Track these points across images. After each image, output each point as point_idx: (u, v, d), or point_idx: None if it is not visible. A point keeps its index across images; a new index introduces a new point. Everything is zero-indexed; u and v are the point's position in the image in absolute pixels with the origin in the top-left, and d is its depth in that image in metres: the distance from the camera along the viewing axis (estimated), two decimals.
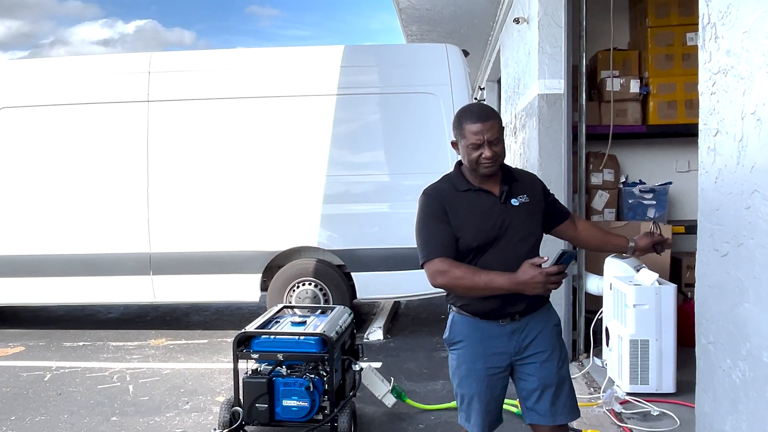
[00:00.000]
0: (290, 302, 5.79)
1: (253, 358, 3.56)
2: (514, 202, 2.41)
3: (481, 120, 2.31)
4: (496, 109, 12.05)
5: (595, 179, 5.78)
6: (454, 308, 2.50)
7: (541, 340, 2.44)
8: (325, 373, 3.49)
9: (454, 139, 2.43)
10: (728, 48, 2.29)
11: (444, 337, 2.56)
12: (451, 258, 2.33)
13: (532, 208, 2.45)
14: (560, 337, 2.53)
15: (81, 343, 5.97)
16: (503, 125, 2.43)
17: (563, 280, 2.28)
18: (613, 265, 4.52)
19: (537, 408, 2.44)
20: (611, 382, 4.24)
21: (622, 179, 5.98)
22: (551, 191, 2.65)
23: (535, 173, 3.74)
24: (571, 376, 2.55)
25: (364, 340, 5.80)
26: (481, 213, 2.38)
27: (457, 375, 2.49)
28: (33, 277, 6.02)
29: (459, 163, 2.48)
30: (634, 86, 5.67)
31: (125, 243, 5.90)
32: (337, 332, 3.62)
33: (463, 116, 2.37)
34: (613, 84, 5.63)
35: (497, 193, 2.41)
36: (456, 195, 2.40)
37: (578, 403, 2.54)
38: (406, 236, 5.63)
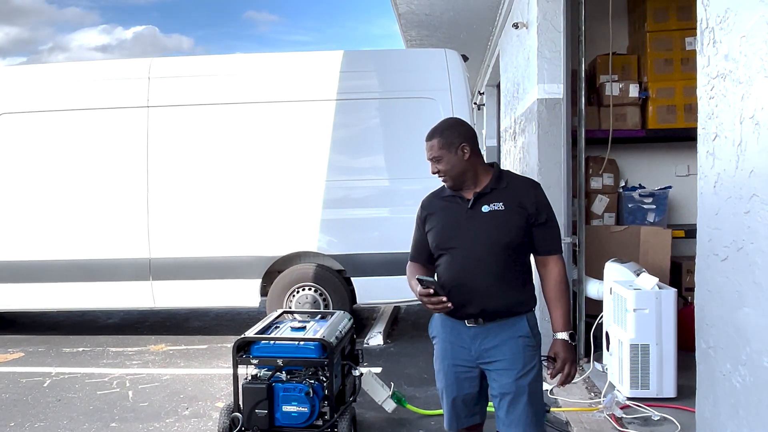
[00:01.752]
0: (290, 307, 5.79)
1: (252, 364, 3.55)
2: (485, 209, 2.46)
3: (426, 139, 2.53)
4: (494, 113, 12.05)
5: (595, 183, 5.79)
6: None
7: (501, 348, 2.44)
8: (324, 379, 3.48)
9: None
10: (726, 52, 2.30)
11: None
12: (417, 260, 2.65)
13: (505, 217, 2.43)
14: (527, 349, 2.46)
15: (80, 349, 5.96)
16: (456, 140, 2.48)
17: (443, 302, 2.34)
18: (613, 269, 4.52)
19: (498, 414, 2.50)
20: (612, 386, 4.23)
21: (622, 183, 5.99)
22: (551, 201, 2.56)
23: (535, 178, 3.74)
24: (533, 390, 2.45)
25: (364, 345, 5.79)
26: (448, 218, 2.53)
27: (435, 368, 2.62)
28: (33, 283, 6.01)
29: None
30: (634, 91, 5.68)
31: (125, 248, 5.90)
32: (336, 337, 3.61)
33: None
34: (612, 88, 5.64)
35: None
36: (438, 201, 2.62)
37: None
38: (405, 241, 5.64)
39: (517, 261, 2.47)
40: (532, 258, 2.57)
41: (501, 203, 2.45)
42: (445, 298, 2.34)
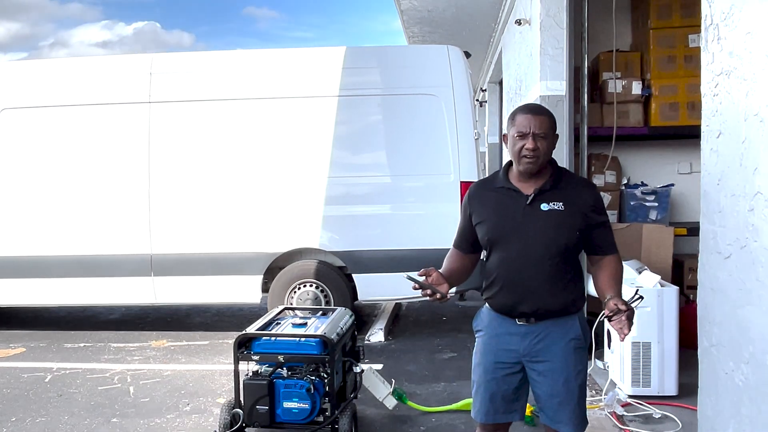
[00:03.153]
0: (291, 304, 5.78)
1: (253, 360, 3.54)
2: (544, 206, 2.40)
3: (533, 113, 2.41)
4: (497, 110, 12.06)
5: (597, 181, 5.78)
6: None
7: (551, 349, 2.43)
8: (325, 375, 3.48)
9: (506, 132, 2.50)
10: (731, 49, 2.28)
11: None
12: (458, 248, 2.62)
13: (564, 218, 2.39)
14: (577, 351, 2.45)
15: (82, 345, 5.97)
16: (555, 127, 2.45)
17: (433, 297, 2.33)
18: None
19: (545, 410, 2.49)
20: (613, 384, 4.23)
21: (624, 181, 5.98)
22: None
23: None
24: (582, 391, 2.48)
25: (365, 342, 5.79)
26: (501, 211, 2.46)
27: (473, 362, 2.59)
28: (34, 279, 6.01)
29: (510, 162, 2.52)
30: (636, 88, 5.67)
31: (126, 244, 5.89)
32: (338, 334, 3.60)
33: (519, 108, 2.48)
34: (615, 86, 5.62)
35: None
36: (489, 191, 2.54)
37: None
38: (407, 238, 5.72)
39: (569, 261, 2.44)
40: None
41: (561, 203, 2.39)
42: (438, 295, 2.32)
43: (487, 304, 2.56)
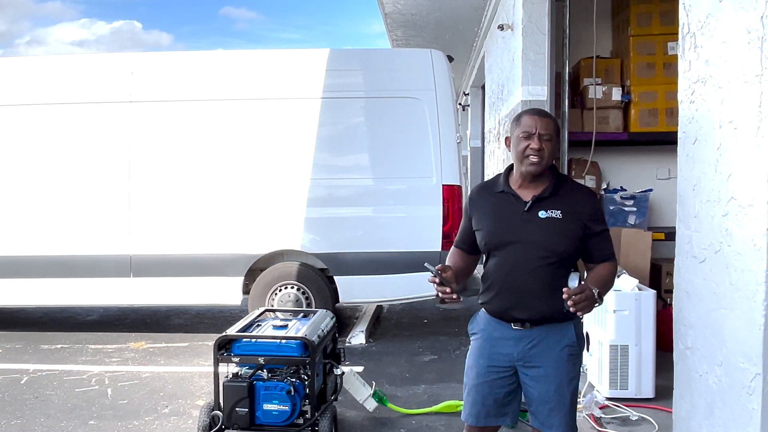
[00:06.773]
0: (272, 306, 5.76)
1: (233, 362, 3.53)
2: (542, 214, 2.39)
3: (539, 115, 2.44)
4: (479, 114, 12.14)
5: None
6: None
7: (545, 355, 2.42)
8: (306, 377, 3.47)
9: (509, 135, 2.51)
10: (707, 57, 2.33)
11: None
12: (460, 248, 2.64)
13: (562, 226, 2.38)
14: (570, 358, 2.45)
15: (59, 346, 5.89)
16: (559, 133, 2.48)
17: (444, 290, 2.33)
18: None
19: (536, 414, 2.49)
20: (591, 386, 4.27)
21: (604, 186, 6.05)
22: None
23: None
24: (574, 398, 2.48)
25: (346, 344, 5.78)
26: (499, 216, 2.46)
27: (467, 364, 2.59)
28: (11, 279, 5.92)
29: (510, 167, 2.53)
30: (616, 94, 5.75)
31: (106, 245, 5.83)
32: (319, 336, 3.60)
33: (525, 111, 2.51)
34: (595, 91, 5.69)
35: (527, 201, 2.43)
36: (488, 195, 2.54)
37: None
38: (389, 240, 5.74)
39: (566, 268, 2.43)
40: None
41: (558, 211, 2.38)
42: (449, 290, 2.31)
43: (483, 309, 2.57)
